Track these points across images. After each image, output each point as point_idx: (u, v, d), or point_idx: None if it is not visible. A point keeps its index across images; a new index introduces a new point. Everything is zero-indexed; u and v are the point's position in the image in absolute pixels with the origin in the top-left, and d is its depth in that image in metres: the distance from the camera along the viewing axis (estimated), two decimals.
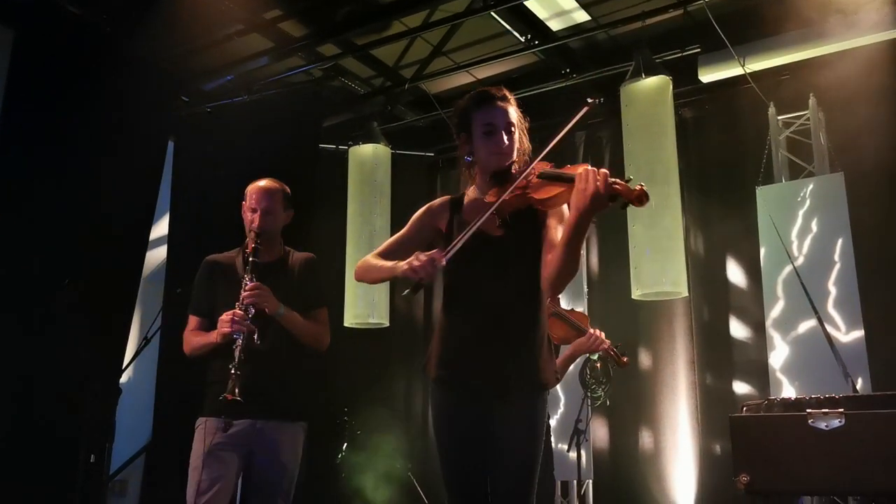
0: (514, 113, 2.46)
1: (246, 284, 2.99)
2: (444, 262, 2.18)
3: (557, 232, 2.31)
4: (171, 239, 5.90)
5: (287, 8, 5.41)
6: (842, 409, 1.83)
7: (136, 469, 5.73)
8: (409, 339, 6.93)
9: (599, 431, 5.94)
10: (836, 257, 4.84)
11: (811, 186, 5.07)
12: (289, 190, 3.27)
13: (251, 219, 3.15)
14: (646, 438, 5.77)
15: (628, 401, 5.74)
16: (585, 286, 6.07)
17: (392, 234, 6.44)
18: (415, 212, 2.60)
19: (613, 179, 2.08)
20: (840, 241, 4.85)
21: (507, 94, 2.49)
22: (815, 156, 5.26)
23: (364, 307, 6.05)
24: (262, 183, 3.20)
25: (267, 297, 3.00)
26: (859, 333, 4.66)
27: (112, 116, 5.09)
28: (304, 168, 6.04)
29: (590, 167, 2.11)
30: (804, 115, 5.34)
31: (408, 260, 2.23)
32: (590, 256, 6.32)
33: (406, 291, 2.24)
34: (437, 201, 2.59)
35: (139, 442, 5.73)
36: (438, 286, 2.97)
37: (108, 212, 4.98)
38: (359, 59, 6.09)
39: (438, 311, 2.53)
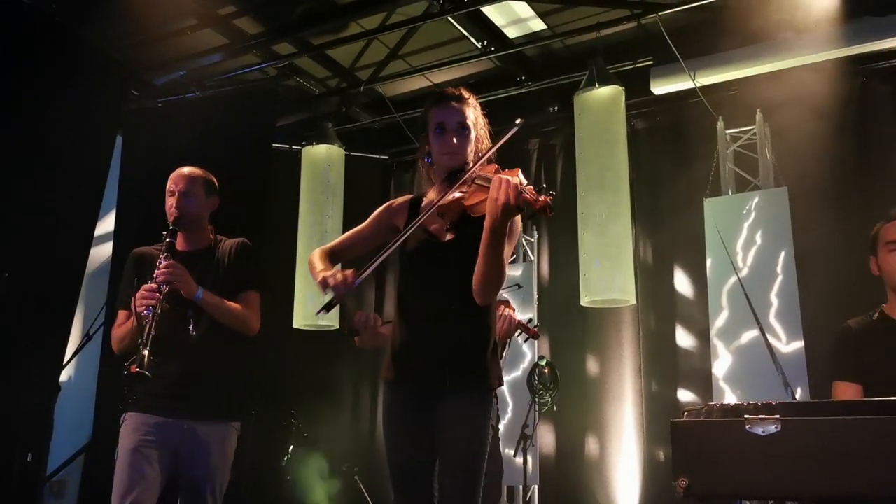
0: (470, 114, 2.46)
1: (160, 263, 2.91)
2: (355, 285, 2.20)
3: None
4: (118, 235, 5.78)
5: (242, 4, 5.36)
6: (778, 416, 1.87)
7: (75, 469, 5.60)
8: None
9: (546, 437, 5.99)
10: (779, 269, 4.95)
11: (756, 200, 5.19)
12: (214, 178, 3.21)
13: (169, 203, 3.10)
14: (591, 444, 5.83)
15: (575, 406, 5.80)
16: (535, 293, 6.12)
17: None
18: (369, 213, 2.60)
19: (524, 189, 2.09)
20: (783, 254, 4.97)
21: (466, 94, 2.50)
22: (761, 170, 5.38)
23: (314, 309, 5.99)
24: (183, 168, 3.17)
25: (181, 275, 2.91)
26: (799, 344, 4.78)
27: (59, 107, 4.96)
28: (256, 167, 5.98)
29: (506, 176, 2.12)
30: (751, 129, 5.47)
31: (330, 273, 2.25)
32: (540, 263, 6.37)
33: (318, 310, 2.26)
34: (398, 200, 2.59)
35: (79, 441, 5.60)
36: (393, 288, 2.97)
37: (52, 205, 4.86)
38: (314, 58, 6.06)
39: (394, 314, 2.53)
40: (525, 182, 2.13)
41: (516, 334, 3.85)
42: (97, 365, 5.46)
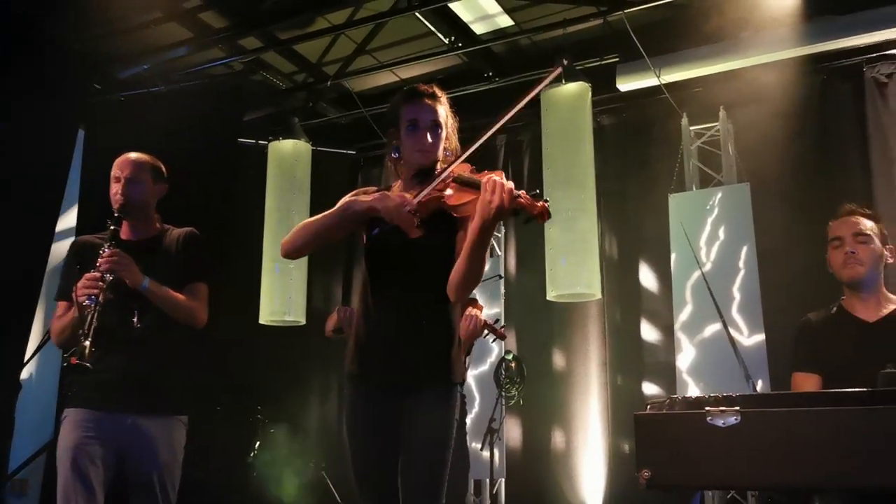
0: (442, 111, 2.46)
1: (104, 252, 2.82)
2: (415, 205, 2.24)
3: None
4: (80, 231, 5.69)
5: None
6: (737, 408, 1.91)
7: (37, 468, 5.51)
8: (325, 337, 6.87)
9: (513, 431, 6.03)
10: (741, 264, 5.04)
11: (719, 195, 5.27)
12: (162, 165, 3.13)
13: (114, 189, 2.99)
14: (558, 437, 5.88)
15: (542, 400, 5.85)
16: (502, 287, 6.15)
17: None
18: None
19: (519, 193, 2.10)
20: (745, 249, 5.06)
21: (438, 91, 2.50)
22: (724, 166, 5.46)
23: (280, 305, 5.97)
24: (130, 154, 3.08)
25: (126, 264, 2.81)
26: (760, 337, 4.88)
27: (19, 99, 4.87)
28: (222, 162, 5.93)
29: (497, 178, 2.13)
30: (714, 126, 5.54)
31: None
32: (507, 258, 6.41)
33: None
34: (366, 190, 2.55)
35: (41, 439, 5.51)
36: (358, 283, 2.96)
37: (12, 200, 4.78)
38: (281, 53, 6.01)
39: (356, 308, 2.53)
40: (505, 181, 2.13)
41: (483, 335, 3.87)
42: (58, 362, 5.37)
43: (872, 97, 5.25)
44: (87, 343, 2.62)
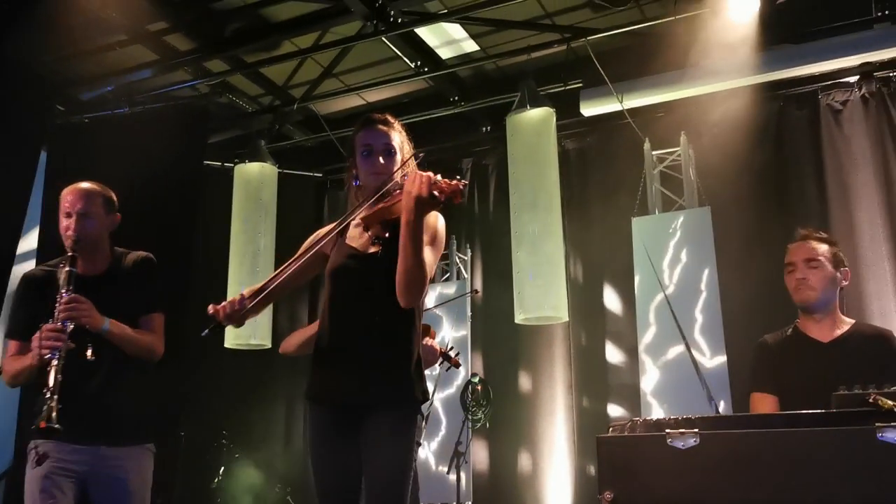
0: (396, 137, 2.53)
1: (62, 297, 2.70)
2: (242, 307, 2.35)
3: None
4: (42, 253, 5.61)
5: (173, 20, 5.29)
6: (696, 429, 1.95)
7: None
8: (291, 360, 6.71)
9: (479, 453, 6.02)
10: (703, 286, 5.11)
11: (681, 219, 5.35)
12: (113, 194, 3.01)
13: (66, 224, 2.86)
14: (524, 459, 5.89)
15: (508, 423, 5.86)
16: (469, 310, 6.17)
17: (276, 254, 6.28)
18: (301, 231, 2.66)
19: (437, 179, 2.16)
20: (706, 272, 5.13)
21: (391, 119, 2.57)
22: (686, 190, 5.55)
23: (245, 328, 5.90)
24: (80, 184, 2.94)
25: (87, 310, 2.71)
26: (722, 359, 4.94)
27: None
28: (187, 184, 5.89)
29: (420, 172, 2.21)
30: (676, 151, 5.64)
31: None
32: (474, 281, 6.44)
33: (203, 331, 2.28)
34: (325, 228, 2.59)
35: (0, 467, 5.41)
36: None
37: None
38: (247, 76, 6.02)
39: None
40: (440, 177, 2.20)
41: (438, 363, 3.89)
42: (16, 393, 5.28)
43: (827, 123, 5.39)
44: (54, 404, 2.53)
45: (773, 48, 5.15)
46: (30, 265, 5.63)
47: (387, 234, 2.36)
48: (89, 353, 2.70)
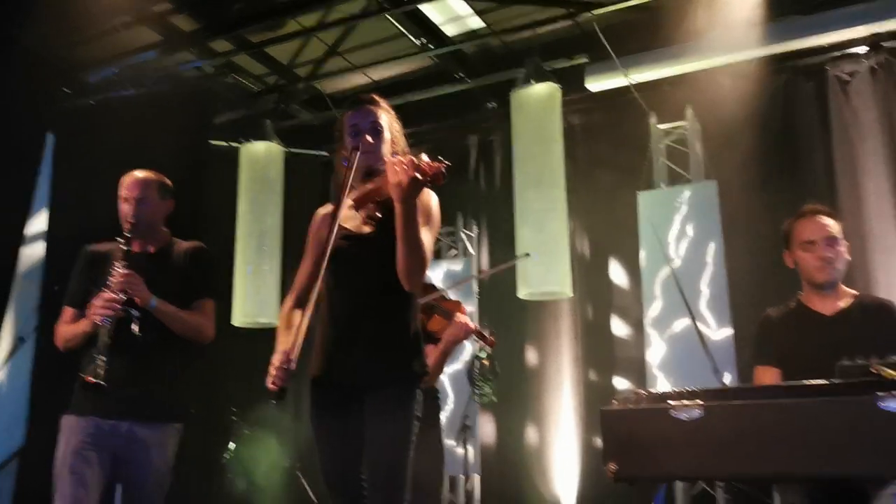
0: (383, 116, 2.56)
1: (117, 271, 2.91)
2: (292, 366, 2.23)
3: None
4: (50, 235, 5.65)
5: (178, 1, 5.28)
6: (700, 401, 1.97)
7: (7, 475, 5.47)
8: None
9: (486, 427, 6.08)
10: (709, 260, 5.13)
11: (687, 193, 5.35)
12: (168, 181, 3.22)
13: (125, 210, 3.09)
14: (531, 433, 5.94)
15: (515, 397, 5.90)
16: (476, 285, 6.20)
17: (283, 233, 6.29)
18: (308, 210, 2.68)
19: (418, 163, 2.16)
20: (712, 245, 5.15)
21: (378, 99, 2.60)
22: (692, 164, 5.54)
23: (253, 306, 5.97)
24: (136, 173, 3.16)
25: (137, 285, 2.92)
26: (728, 331, 4.97)
27: None
28: (194, 165, 5.90)
29: (398, 158, 2.23)
30: (682, 125, 5.62)
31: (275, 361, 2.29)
32: (480, 257, 6.46)
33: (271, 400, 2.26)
34: (319, 214, 2.63)
35: (12, 446, 5.47)
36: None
37: None
38: (252, 56, 6.01)
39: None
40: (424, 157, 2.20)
41: (469, 339, 3.77)
42: (30, 368, 5.34)
43: (835, 95, 5.35)
44: (101, 362, 2.74)
45: (781, 19, 5.10)
46: (39, 246, 5.68)
47: (378, 214, 2.39)
48: (135, 327, 2.89)
